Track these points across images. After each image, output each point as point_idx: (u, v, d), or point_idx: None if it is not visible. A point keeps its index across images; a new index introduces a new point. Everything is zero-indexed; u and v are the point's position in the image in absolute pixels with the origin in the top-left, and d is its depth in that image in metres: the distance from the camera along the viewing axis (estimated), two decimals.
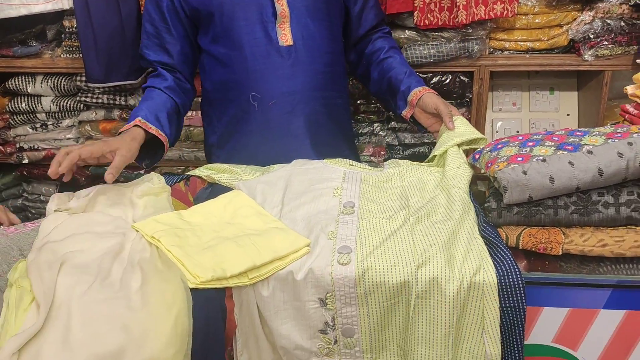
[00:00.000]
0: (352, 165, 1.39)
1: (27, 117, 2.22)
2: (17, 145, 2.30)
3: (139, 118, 1.40)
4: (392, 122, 2.06)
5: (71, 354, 0.84)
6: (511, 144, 1.19)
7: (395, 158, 1.54)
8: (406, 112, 1.59)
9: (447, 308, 1.00)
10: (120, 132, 1.39)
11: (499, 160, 1.14)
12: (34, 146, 2.28)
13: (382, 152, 2.10)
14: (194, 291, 0.98)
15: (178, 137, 1.60)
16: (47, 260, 0.99)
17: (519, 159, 1.11)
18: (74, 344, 0.86)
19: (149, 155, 1.47)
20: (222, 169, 1.42)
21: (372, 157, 2.09)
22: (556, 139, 1.16)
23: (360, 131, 2.09)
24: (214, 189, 1.36)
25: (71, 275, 0.97)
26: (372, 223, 1.14)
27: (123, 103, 2.14)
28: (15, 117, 2.23)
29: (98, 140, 1.23)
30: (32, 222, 1.25)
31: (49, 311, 0.89)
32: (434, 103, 1.51)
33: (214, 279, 1.00)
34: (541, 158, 1.09)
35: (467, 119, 1.55)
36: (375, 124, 2.08)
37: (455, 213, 1.15)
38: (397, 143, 2.09)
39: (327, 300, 1.04)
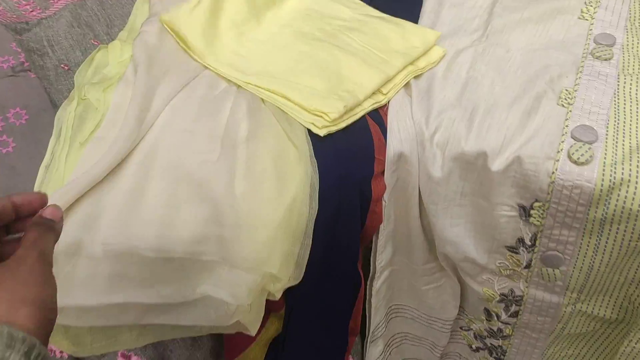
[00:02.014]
0: None
1: None
2: None
3: None
4: None
5: (131, 240, 0.56)
6: None
7: None
8: None
9: None
10: None
11: None
12: None
13: None
14: (322, 163, 0.62)
15: None
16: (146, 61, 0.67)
17: None
18: (141, 219, 0.57)
19: None
20: None
21: None
22: None
23: None
24: None
25: (171, 107, 0.64)
26: None
27: None
28: None
29: None
30: None
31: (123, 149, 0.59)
32: None
33: (348, 108, 0.63)
34: None
35: None
36: None
37: None
38: None
39: (532, 211, 0.64)
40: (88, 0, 0.78)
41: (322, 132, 0.62)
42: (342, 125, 0.63)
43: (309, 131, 0.63)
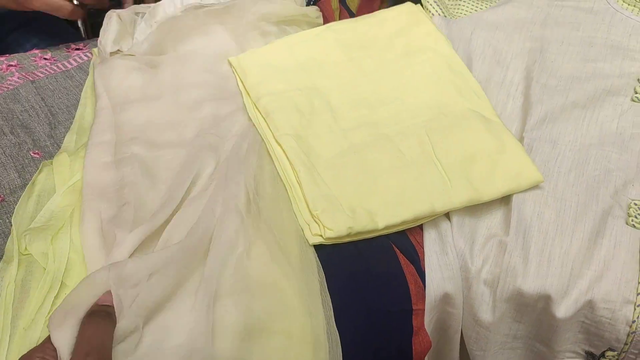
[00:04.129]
0: None
1: None
2: None
3: None
4: None
5: None
6: None
7: None
8: None
9: None
10: None
11: None
12: None
13: None
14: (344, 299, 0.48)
15: None
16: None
17: None
18: None
19: None
20: None
21: None
22: None
23: None
24: None
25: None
26: None
27: None
28: None
29: None
30: (75, 47, 0.71)
31: None
32: None
33: (353, 232, 0.51)
34: None
35: None
36: None
37: None
38: None
39: (602, 359, 0.53)
40: (22, 88, 0.61)
41: (311, 240, 0.51)
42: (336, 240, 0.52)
43: (328, 280, 0.49)
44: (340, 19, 0.75)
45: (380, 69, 0.64)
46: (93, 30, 0.82)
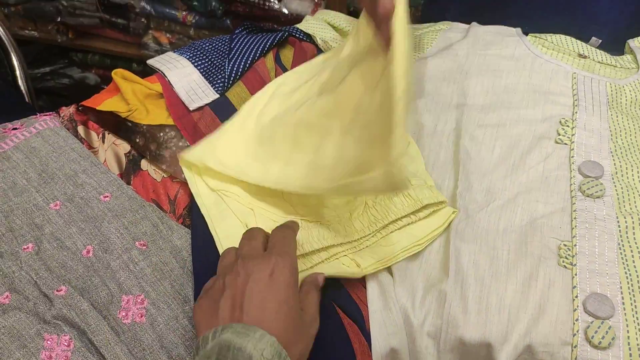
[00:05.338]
0: (585, 56, 0.74)
1: None
2: None
3: None
4: None
5: None
6: None
7: None
8: None
9: None
10: None
11: None
12: None
13: None
14: None
15: None
16: None
17: None
18: None
19: None
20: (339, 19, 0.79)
21: None
22: None
23: None
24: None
25: None
26: None
27: None
28: None
29: None
30: (12, 127, 0.70)
31: None
32: None
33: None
34: None
35: None
36: None
37: None
38: None
39: None
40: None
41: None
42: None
43: None
44: (275, 77, 0.76)
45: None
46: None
